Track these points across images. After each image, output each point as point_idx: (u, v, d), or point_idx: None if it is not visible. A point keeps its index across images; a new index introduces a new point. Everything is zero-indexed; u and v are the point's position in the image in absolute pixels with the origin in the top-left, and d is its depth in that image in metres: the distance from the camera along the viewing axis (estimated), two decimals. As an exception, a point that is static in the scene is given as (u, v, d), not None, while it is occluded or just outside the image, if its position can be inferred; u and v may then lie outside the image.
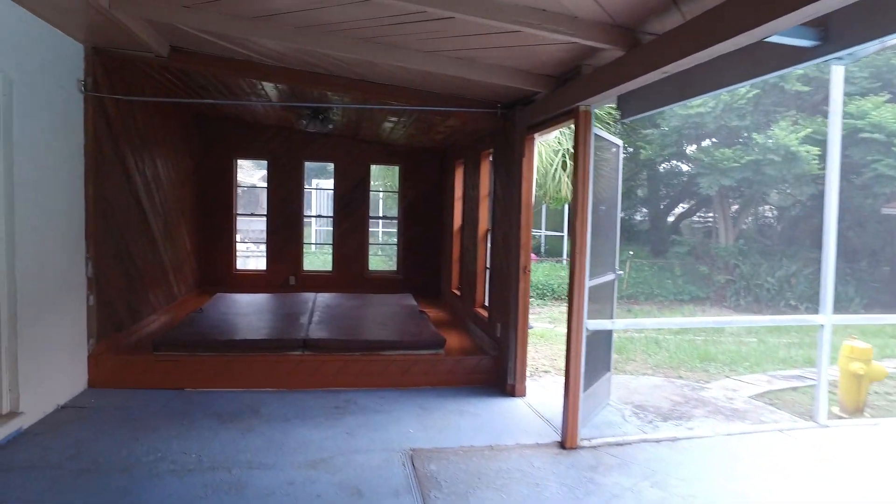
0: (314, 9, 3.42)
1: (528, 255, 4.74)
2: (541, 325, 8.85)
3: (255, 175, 21.63)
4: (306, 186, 9.29)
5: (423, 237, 8.78)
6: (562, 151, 10.11)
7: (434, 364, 5.00)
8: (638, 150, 15.68)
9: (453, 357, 5.11)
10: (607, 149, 4.46)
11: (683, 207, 18.65)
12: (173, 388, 4.59)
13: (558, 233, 18.55)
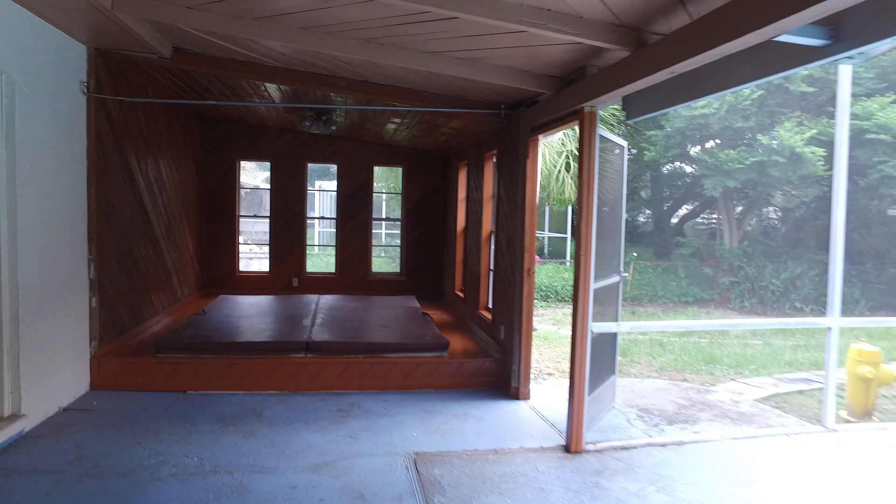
0: (318, 9, 3.40)
1: (533, 258, 4.71)
2: (544, 327, 8.81)
3: (259, 176, 21.65)
4: (309, 188, 9.28)
5: (427, 239, 8.76)
6: (565, 153, 10.09)
7: (437, 367, 4.97)
8: (641, 152, 15.64)
9: (457, 360, 5.08)
10: (612, 150, 4.43)
11: (687, 209, 18.58)
12: (175, 391, 4.58)
13: (561, 234, 18.52)
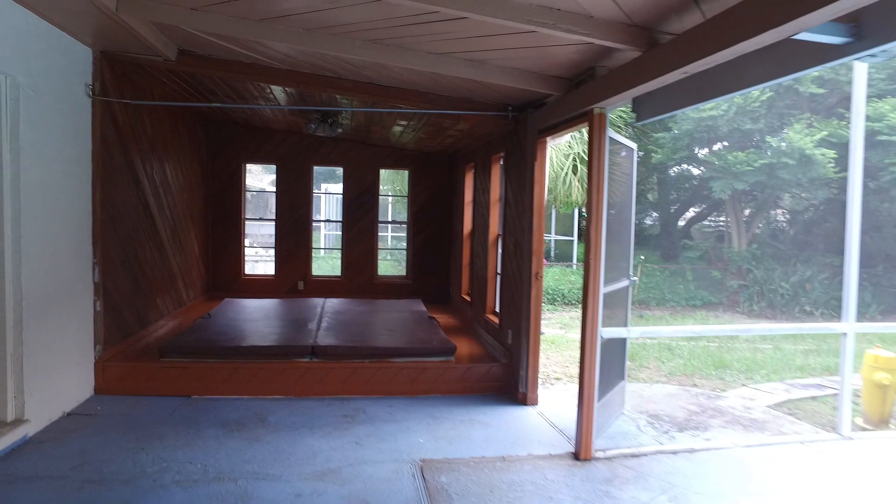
0: (324, 10, 3.36)
1: (541, 261, 4.65)
2: (551, 331, 8.74)
3: (265, 179, 21.69)
4: (315, 191, 9.25)
5: (433, 242, 8.70)
6: (572, 155, 10.02)
7: (444, 372, 4.91)
8: (648, 154, 15.53)
9: (464, 364, 5.02)
10: (620, 152, 4.36)
11: (694, 211, 18.44)
12: (180, 395, 4.54)
13: (568, 237, 18.42)
